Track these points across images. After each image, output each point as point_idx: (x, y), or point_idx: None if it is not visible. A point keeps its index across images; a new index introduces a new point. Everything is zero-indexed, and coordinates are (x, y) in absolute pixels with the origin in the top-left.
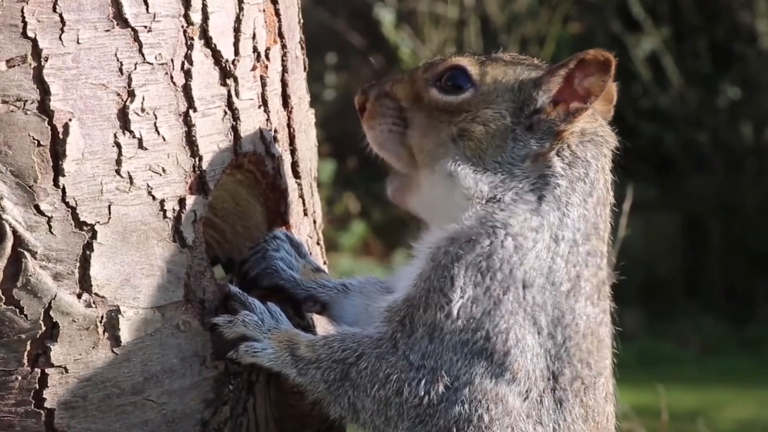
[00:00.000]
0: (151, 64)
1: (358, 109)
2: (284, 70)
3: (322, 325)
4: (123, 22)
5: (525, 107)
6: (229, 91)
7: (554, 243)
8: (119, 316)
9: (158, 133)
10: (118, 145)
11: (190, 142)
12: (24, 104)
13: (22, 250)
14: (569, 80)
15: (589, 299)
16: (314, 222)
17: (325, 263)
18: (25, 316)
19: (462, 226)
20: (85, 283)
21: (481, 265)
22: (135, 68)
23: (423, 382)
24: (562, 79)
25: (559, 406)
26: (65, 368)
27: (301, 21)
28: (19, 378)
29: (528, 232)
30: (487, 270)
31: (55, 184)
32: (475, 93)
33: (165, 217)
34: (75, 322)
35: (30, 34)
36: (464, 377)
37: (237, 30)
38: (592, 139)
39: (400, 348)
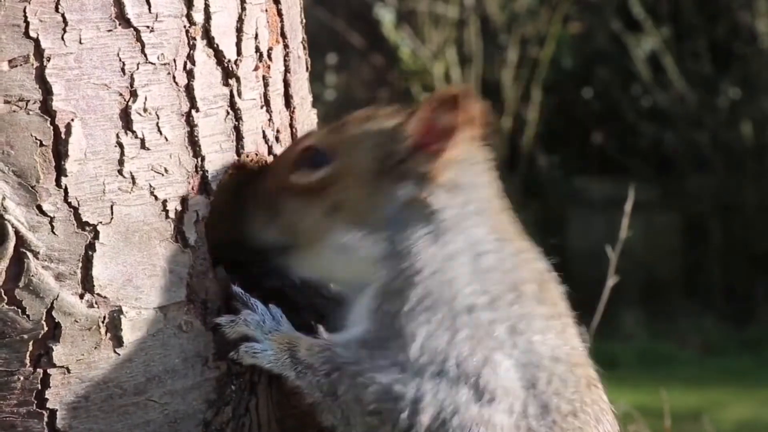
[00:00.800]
0: (154, 64)
1: None
2: (287, 70)
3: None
4: (125, 22)
5: (389, 159)
6: (231, 92)
7: (476, 262)
8: (121, 316)
9: (160, 134)
10: (120, 145)
11: (193, 143)
12: (26, 104)
13: (24, 251)
14: (425, 123)
15: (535, 299)
16: None
17: None
18: (28, 316)
19: (382, 283)
20: (87, 283)
21: (420, 308)
22: (137, 68)
23: (406, 413)
24: (417, 124)
25: (544, 410)
26: (67, 369)
27: (303, 21)
28: (21, 378)
29: (443, 264)
30: (429, 309)
31: (58, 184)
32: (336, 164)
33: (167, 217)
34: (77, 322)
35: (32, 34)
36: (450, 408)
37: (239, 30)
38: (465, 162)
39: (376, 377)
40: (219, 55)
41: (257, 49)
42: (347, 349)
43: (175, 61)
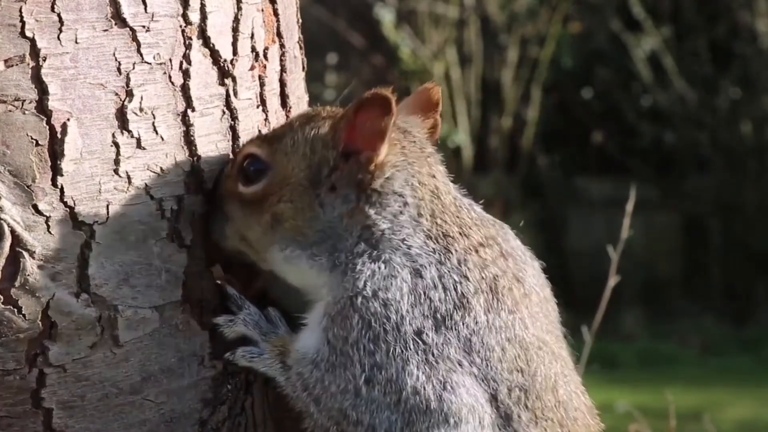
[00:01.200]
0: (150, 63)
1: None
2: (282, 69)
3: None
4: (121, 21)
5: (322, 168)
6: (227, 91)
7: (418, 278)
8: (117, 315)
9: (156, 133)
10: (116, 144)
11: (189, 142)
12: (22, 104)
13: (20, 250)
14: (353, 129)
15: (488, 311)
16: None
17: None
18: (24, 315)
19: (328, 302)
20: (83, 282)
21: (366, 338)
22: (133, 68)
23: None
24: (345, 131)
25: (506, 420)
26: (63, 368)
27: (300, 20)
28: (18, 378)
29: (383, 283)
30: (374, 339)
31: (54, 183)
32: (274, 174)
33: (163, 216)
34: (73, 321)
35: (28, 33)
36: None
37: (235, 30)
38: (398, 165)
39: (336, 399)
40: (215, 55)
41: (253, 49)
42: (305, 367)
43: (171, 60)
